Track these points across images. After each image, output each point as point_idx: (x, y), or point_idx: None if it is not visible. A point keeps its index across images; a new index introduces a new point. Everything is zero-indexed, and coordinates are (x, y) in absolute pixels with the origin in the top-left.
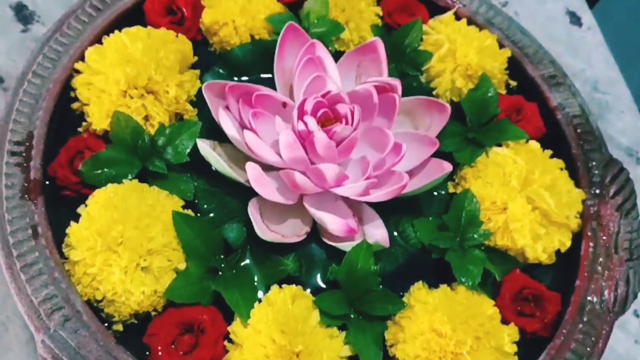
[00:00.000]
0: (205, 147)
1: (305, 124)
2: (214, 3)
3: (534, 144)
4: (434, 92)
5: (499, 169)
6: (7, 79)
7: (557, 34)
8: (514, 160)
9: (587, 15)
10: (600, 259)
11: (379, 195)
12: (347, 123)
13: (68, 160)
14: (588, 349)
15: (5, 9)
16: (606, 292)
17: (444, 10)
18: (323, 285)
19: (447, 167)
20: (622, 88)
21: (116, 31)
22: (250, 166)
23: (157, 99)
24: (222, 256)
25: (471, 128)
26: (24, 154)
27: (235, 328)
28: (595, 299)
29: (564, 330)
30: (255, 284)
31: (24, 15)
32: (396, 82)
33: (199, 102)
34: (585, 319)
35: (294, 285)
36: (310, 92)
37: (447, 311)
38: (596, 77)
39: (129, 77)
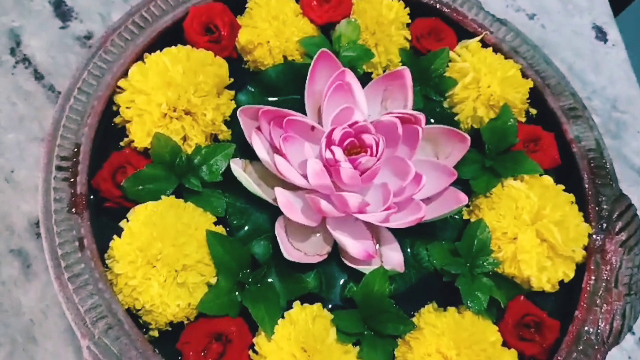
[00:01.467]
0: (237, 169)
1: (333, 153)
2: (250, 23)
3: (548, 179)
4: (456, 118)
5: (512, 203)
6: (46, 75)
7: (582, 50)
8: (527, 195)
9: (613, 31)
10: (600, 292)
11: (398, 224)
12: (371, 154)
13: (111, 174)
14: None
15: (45, 4)
16: (602, 324)
17: (472, 35)
18: (340, 301)
19: (463, 199)
20: None
21: (158, 51)
22: (279, 192)
23: (195, 120)
24: (249, 271)
25: (489, 156)
26: (71, 170)
27: (260, 341)
28: (591, 330)
29: (559, 357)
30: (278, 299)
31: (62, 12)
32: (420, 116)
33: (233, 119)
34: (580, 348)
35: (314, 304)
36: (338, 121)
37: (454, 336)
38: (616, 95)
39: (170, 100)
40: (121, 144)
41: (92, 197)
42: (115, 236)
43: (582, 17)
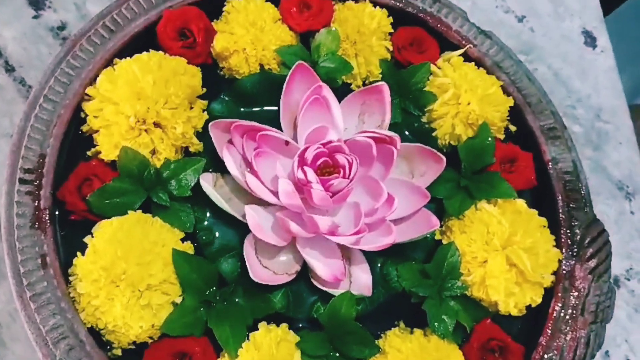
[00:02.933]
0: (207, 186)
1: (305, 173)
2: (227, 29)
3: (521, 204)
4: (434, 134)
5: (484, 227)
6: (17, 68)
7: (570, 55)
8: (499, 220)
9: (602, 37)
10: (567, 319)
11: (368, 247)
12: (344, 175)
13: (77, 187)
14: None
15: None
16: (565, 352)
17: (455, 46)
18: (307, 321)
19: (435, 223)
20: (625, 118)
21: (127, 58)
22: (249, 213)
23: (165, 133)
24: (215, 288)
25: (465, 175)
26: (35, 183)
27: None
28: (554, 357)
29: None
30: (244, 318)
31: (35, 0)
32: (396, 137)
33: (205, 129)
34: None
35: (281, 325)
36: (312, 139)
37: None
38: (601, 104)
39: (139, 113)
40: (88, 153)
41: (57, 208)
42: (79, 253)
43: (572, 21)
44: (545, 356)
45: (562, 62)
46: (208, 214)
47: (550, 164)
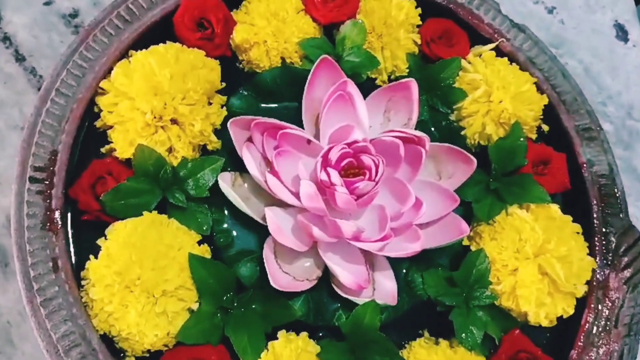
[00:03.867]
0: (225, 187)
1: (328, 175)
2: (247, 19)
3: (555, 210)
4: (462, 133)
5: (516, 234)
6: (27, 57)
7: (600, 50)
8: (532, 227)
9: (635, 30)
10: (599, 331)
11: (394, 254)
12: (370, 177)
13: (90, 185)
14: None
15: None
16: None
17: (487, 40)
18: (328, 329)
19: (465, 229)
20: None
21: (144, 50)
22: (269, 215)
23: (182, 130)
24: (233, 293)
25: (495, 177)
26: (46, 182)
27: None
28: None
29: None
30: (263, 325)
31: None
32: (425, 137)
33: (224, 125)
34: None
35: (301, 334)
36: (336, 138)
37: None
38: (632, 101)
39: (156, 109)
40: (102, 150)
41: (69, 209)
42: (92, 257)
43: (604, 14)
44: None
45: (592, 57)
46: (226, 216)
47: (585, 166)
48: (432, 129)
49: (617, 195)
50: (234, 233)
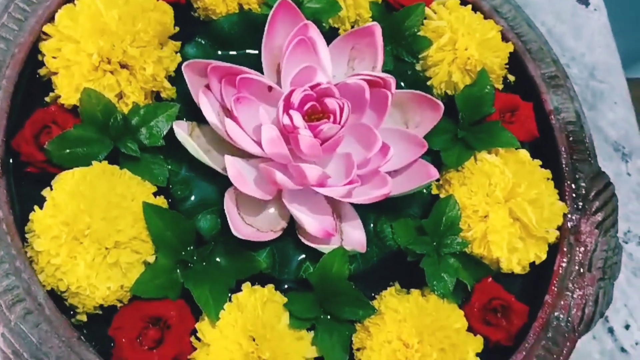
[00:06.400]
0: (182, 133)
1: (291, 118)
2: None
3: (524, 154)
4: (429, 83)
5: (486, 179)
6: None
7: (563, 13)
8: (502, 171)
9: None
10: (573, 276)
11: (361, 199)
12: (334, 120)
13: (33, 135)
14: None
15: None
16: (574, 311)
17: None
18: (294, 282)
19: (434, 173)
20: (620, 78)
21: None
22: (229, 162)
23: (132, 75)
24: (193, 247)
25: (462, 126)
26: None
27: (203, 327)
28: (561, 316)
29: (526, 345)
30: (226, 279)
31: None
32: (390, 79)
33: (178, 75)
34: (549, 335)
35: (266, 285)
36: (298, 82)
37: (416, 322)
38: (595, 63)
39: (103, 50)
40: (46, 99)
41: (10, 160)
42: (36, 207)
43: None
44: (552, 315)
45: (555, 20)
46: (183, 166)
47: (552, 114)
48: (398, 80)
49: (585, 141)
50: (192, 185)
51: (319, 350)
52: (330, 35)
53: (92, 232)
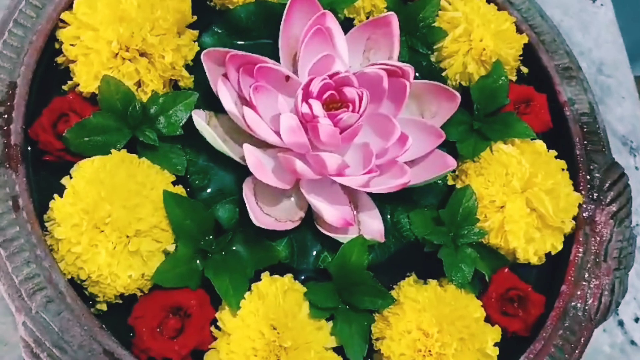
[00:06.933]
0: (200, 122)
1: (310, 107)
2: None
3: (540, 145)
4: (443, 74)
5: (502, 169)
6: None
7: (570, 8)
8: (519, 161)
9: None
10: (589, 266)
11: (380, 189)
12: (353, 109)
13: (51, 123)
14: (566, 355)
15: None
16: (590, 300)
17: None
18: (312, 273)
19: (451, 163)
20: (627, 73)
21: None
22: (248, 150)
23: (151, 63)
24: (212, 237)
25: (477, 117)
26: (3, 116)
27: (224, 316)
28: (578, 305)
29: (544, 334)
30: (245, 269)
31: None
32: (409, 68)
33: (196, 64)
34: (566, 324)
35: (285, 275)
36: (316, 71)
37: (435, 312)
38: (602, 58)
39: (122, 38)
40: (64, 87)
41: (29, 148)
42: (56, 195)
43: None
44: (569, 305)
45: (563, 15)
46: (201, 156)
47: (566, 105)
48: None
49: (599, 132)
50: (210, 174)
51: (339, 340)
52: (345, 26)
53: (113, 220)
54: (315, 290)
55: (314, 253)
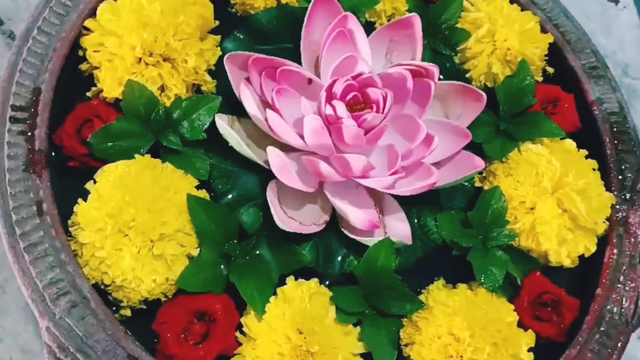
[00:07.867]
0: (224, 125)
1: (334, 108)
2: None
3: (570, 144)
4: (467, 75)
5: (532, 169)
6: (5, 21)
7: (592, 11)
8: (549, 160)
9: None
10: (624, 268)
11: (406, 190)
12: (377, 110)
13: (75, 129)
14: None
15: None
16: (626, 304)
17: None
18: (338, 277)
19: (479, 164)
20: None
21: None
22: (272, 152)
23: (175, 68)
24: (236, 241)
25: (504, 118)
26: (28, 122)
27: (249, 321)
28: (614, 309)
29: (580, 339)
30: (270, 273)
31: None
32: (433, 68)
33: (218, 69)
34: (602, 329)
35: (311, 280)
36: (339, 73)
37: (467, 316)
38: (627, 61)
39: (146, 43)
40: (88, 94)
41: (53, 154)
42: (80, 200)
43: None
44: (605, 309)
45: (585, 18)
46: (224, 160)
47: (594, 105)
48: None
49: (630, 132)
50: (233, 179)
51: (367, 347)
52: (366, 30)
53: (137, 224)
54: (342, 295)
55: (340, 257)
